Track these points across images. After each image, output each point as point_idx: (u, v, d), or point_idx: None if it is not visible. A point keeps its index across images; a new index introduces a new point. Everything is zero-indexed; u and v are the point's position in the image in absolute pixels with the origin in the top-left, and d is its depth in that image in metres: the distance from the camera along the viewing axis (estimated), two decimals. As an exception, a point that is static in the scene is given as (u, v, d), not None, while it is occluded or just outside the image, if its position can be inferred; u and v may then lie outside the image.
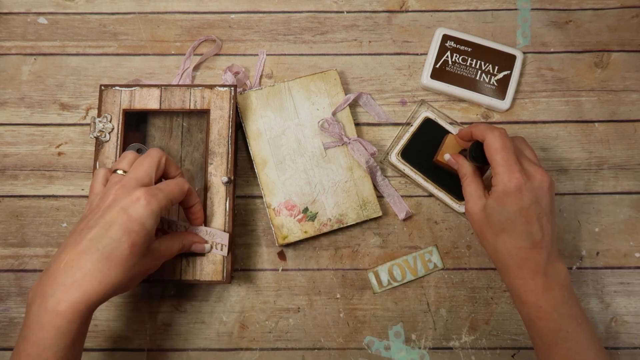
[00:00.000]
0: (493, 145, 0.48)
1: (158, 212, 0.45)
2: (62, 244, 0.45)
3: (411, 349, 0.58)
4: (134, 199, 0.44)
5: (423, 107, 0.63)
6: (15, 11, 0.67)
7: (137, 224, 0.44)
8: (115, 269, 0.43)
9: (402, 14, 0.67)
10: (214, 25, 0.67)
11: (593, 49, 0.65)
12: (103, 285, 0.43)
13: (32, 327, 0.42)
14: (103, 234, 0.43)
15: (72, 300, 0.42)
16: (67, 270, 0.43)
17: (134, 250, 0.44)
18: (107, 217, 0.44)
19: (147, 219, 0.44)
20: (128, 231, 0.44)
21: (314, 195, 0.60)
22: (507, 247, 0.48)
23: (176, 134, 0.63)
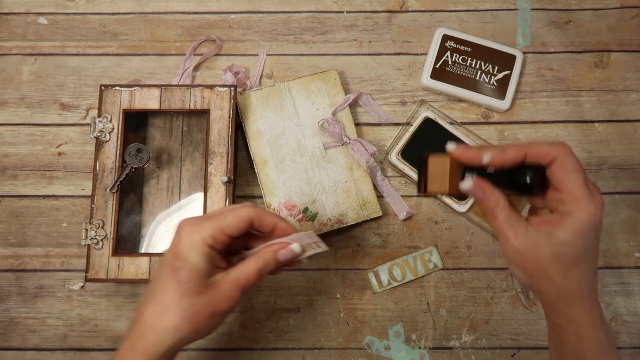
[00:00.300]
0: (570, 165, 0.39)
1: (202, 243, 0.40)
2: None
3: (411, 349, 0.58)
4: (177, 233, 0.41)
5: (423, 107, 0.63)
6: (15, 11, 0.67)
7: (180, 260, 0.40)
8: (167, 313, 0.40)
9: (402, 14, 0.67)
10: (214, 25, 0.67)
11: (593, 49, 0.65)
12: (159, 333, 0.40)
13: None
14: (156, 277, 0.42)
15: (139, 351, 0.40)
16: (135, 321, 0.42)
17: (182, 290, 0.40)
18: (161, 260, 0.42)
19: (190, 252, 0.40)
20: (173, 269, 0.40)
21: (314, 195, 0.60)
22: (580, 281, 0.40)
23: (176, 134, 0.63)
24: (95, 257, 0.55)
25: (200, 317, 0.40)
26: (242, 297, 0.42)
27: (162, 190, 0.61)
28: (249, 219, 0.42)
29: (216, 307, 0.40)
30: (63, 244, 0.61)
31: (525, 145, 0.40)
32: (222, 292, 0.41)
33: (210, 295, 0.40)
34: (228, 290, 0.41)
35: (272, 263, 0.42)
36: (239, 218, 0.42)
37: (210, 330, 0.42)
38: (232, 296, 0.41)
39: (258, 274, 0.42)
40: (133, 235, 0.60)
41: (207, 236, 0.40)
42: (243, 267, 0.42)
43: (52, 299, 0.60)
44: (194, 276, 0.40)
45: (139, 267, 0.55)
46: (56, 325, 0.59)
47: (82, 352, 0.58)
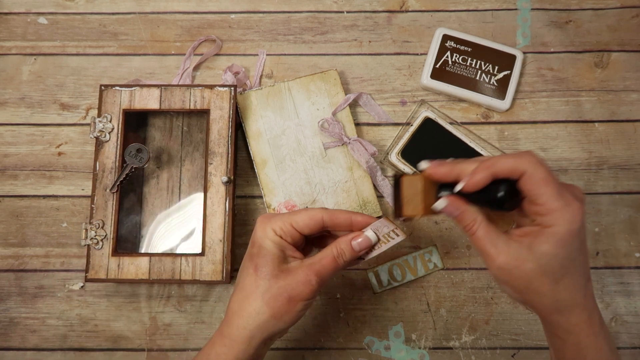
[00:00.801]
0: (539, 176, 0.38)
1: (272, 233, 0.43)
2: None
3: (411, 349, 0.58)
4: (254, 228, 0.45)
5: (423, 107, 0.63)
6: (15, 11, 0.67)
7: (256, 247, 0.43)
8: (248, 298, 0.42)
9: (402, 14, 0.67)
10: (214, 25, 0.67)
11: (593, 49, 0.65)
12: (243, 318, 0.42)
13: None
14: (240, 269, 0.45)
15: (226, 335, 0.43)
16: (226, 310, 0.45)
17: (259, 274, 0.42)
18: (245, 254, 0.46)
19: (264, 239, 0.43)
20: (251, 257, 0.44)
21: (314, 195, 0.60)
22: (572, 290, 0.39)
23: (176, 134, 0.63)
24: (95, 257, 0.55)
25: (278, 300, 0.41)
26: (320, 284, 0.42)
27: (162, 190, 0.61)
28: (320, 217, 0.44)
29: (293, 290, 0.42)
30: (63, 244, 0.61)
31: (492, 164, 0.39)
32: (298, 276, 0.42)
33: (287, 279, 0.42)
34: (303, 274, 0.42)
35: (348, 252, 0.43)
36: (309, 215, 0.44)
37: (292, 318, 0.43)
38: (307, 280, 0.42)
39: (334, 261, 0.43)
40: (133, 235, 0.60)
41: (277, 227, 0.43)
42: (319, 254, 0.43)
43: (52, 299, 0.60)
44: (269, 260, 0.42)
45: (139, 267, 0.55)
46: (56, 325, 0.59)
47: (82, 352, 0.58)
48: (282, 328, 0.43)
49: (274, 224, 0.43)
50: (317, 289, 0.42)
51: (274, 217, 0.44)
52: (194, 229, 0.60)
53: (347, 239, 0.44)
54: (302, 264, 0.43)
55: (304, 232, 0.44)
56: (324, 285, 0.43)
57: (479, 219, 0.40)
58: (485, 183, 0.39)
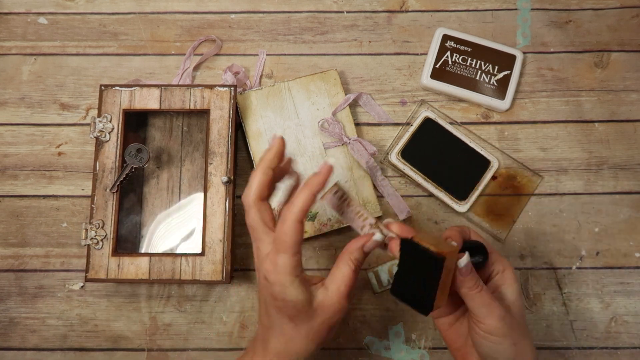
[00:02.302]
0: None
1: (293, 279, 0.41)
2: None
3: (411, 349, 0.58)
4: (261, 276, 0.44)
5: (423, 107, 0.63)
6: (15, 11, 0.67)
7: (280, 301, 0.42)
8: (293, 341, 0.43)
9: (402, 14, 0.67)
10: (214, 25, 0.67)
11: (593, 49, 0.65)
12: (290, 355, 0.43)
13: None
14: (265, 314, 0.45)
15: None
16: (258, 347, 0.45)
17: (297, 321, 0.42)
18: (260, 297, 0.46)
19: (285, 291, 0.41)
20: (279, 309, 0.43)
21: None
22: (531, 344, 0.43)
23: (176, 134, 0.63)
24: (95, 257, 0.55)
25: (321, 334, 0.43)
26: (350, 301, 0.43)
27: (162, 190, 0.61)
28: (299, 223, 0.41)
29: (331, 321, 0.42)
30: (63, 244, 0.61)
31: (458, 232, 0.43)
32: (332, 307, 0.42)
33: (323, 314, 0.42)
34: (336, 304, 0.42)
35: (361, 258, 0.43)
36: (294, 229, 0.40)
37: (331, 337, 0.44)
38: (341, 308, 0.42)
39: (354, 275, 0.43)
40: (133, 235, 0.60)
41: (291, 269, 0.40)
42: (338, 274, 0.42)
43: (52, 299, 0.60)
44: (300, 309, 0.41)
45: (138, 267, 0.55)
46: (56, 325, 0.59)
47: (82, 352, 0.58)
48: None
49: (284, 268, 0.40)
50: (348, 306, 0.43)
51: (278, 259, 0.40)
52: (194, 229, 0.60)
53: (358, 246, 0.43)
54: (330, 295, 0.42)
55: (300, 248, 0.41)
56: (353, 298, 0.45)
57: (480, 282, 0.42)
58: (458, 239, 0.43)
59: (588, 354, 0.58)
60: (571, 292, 0.59)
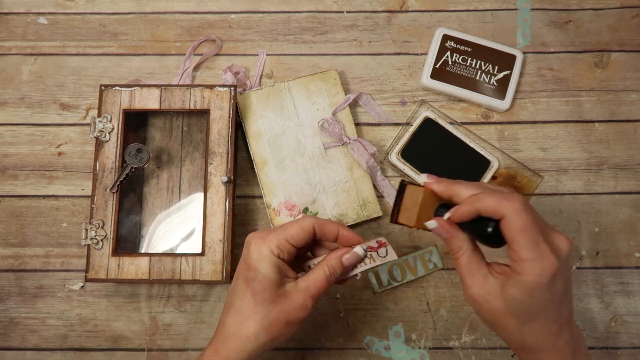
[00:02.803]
0: (516, 224, 0.38)
1: (270, 254, 0.43)
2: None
3: (411, 349, 0.58)
4: (245, 246, 0.45)
5: (423, 107, 0.63)
6: (15, 11, 0.67)
7: (252, 271, 0.43)
8: (247, 322, 0.43)
9: (402, 14, 0.67)
10: (214, 25, 0.67)
11: (593, 49, 0.65)
12: (241, 341, 0.43)
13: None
14: (233, 288, 0.45)
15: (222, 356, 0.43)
16: (218, 328, 0.45)
17: (257, 299, 0.42)
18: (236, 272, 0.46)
19: (260, 263, 0.43)
20: (247, 281, 0.43)
21: (314, 195, 0.60)
22: (539, 336, 0.40)
23: (176, 134, 0.63)
24: (95, 257, 0.55)
25: (276, 325, 0.43)
26: (315, 305, 0.44)
27: (162, 190, 0.61)
28: (311, 227, 0.44)
29: (290, 315, 0.43)
30: (63, 244, 0.61)
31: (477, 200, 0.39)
32: (295, 301, 0.43)
33: (284, 304, 0.43)
34: (300, 299, 0.43)
35: (338, 268, 0.44)
36: (301, 227, 0.44)
37: (286, 337, 0.44)
38: (304, 305, 0.43)
39: (326, 281, 0.44)
40: (133, 235, 0.60)
41: (274, 247, 0.43)
42: (312, 275, 0.44)
43: (52, 299, 0.60)
44: (267, 286, 0.42)
45: (138, 267, 0.55)
46: (56, 325, 0.59)
47: (82, 352, 0.58)
48: (275, 346, 0.44)
49: (271, 243, 0.43)
50: (312, 309, 0.43)
51: (268, 236, 0.44)
52: (194, 229, 0.60)
53: (337, 255, 0.44)
54: (298, 288, 0.43)
55: (299, 244, 0.44)
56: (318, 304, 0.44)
57: (464, 247, 0.42)
58: (469, 217, 0.40)
59: (588, 354, 0.58)
60: (571, 292, 0.59)
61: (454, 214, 0.41)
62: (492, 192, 0.40)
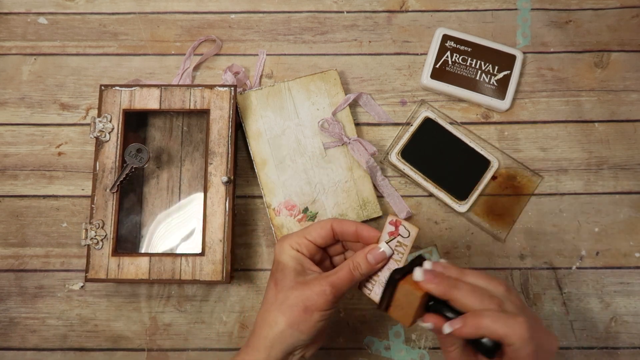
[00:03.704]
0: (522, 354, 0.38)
1: (289, 247, 0.46)
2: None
3: (411, 349, 0.58)
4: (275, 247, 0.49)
5: (423, 107, 0.63)
6: (15, 11, 0.67)
7: (275, 263, 0.46)
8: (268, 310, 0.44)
9: (402, 14, 0.67)
10: (214, 25, 0.67)
11: (593, 49, 0.65)
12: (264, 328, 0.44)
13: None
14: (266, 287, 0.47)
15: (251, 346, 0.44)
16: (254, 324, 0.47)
17: (278, 287, 0.45)
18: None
19: (282, 255, 0.46)
20: (272, 273, 0.46)
21: (314, 195, 0.60)
22: None
23: (176, 134, 0.63)
24: (95, 257, 0.55)
25: (294, 310, 0.43)
26: (335, 295, 0.43)
27: (162, 190, 0.61)
28: (329, 225, 0.46)
29: (308, 300, 0.43)
30: (63, 244, 0.61)
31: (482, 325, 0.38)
32: (314, 287, 0.43)
33: (303, 290, 0.43)
34: (319, 285, 0.43)
35: (364, 264, 0.44)
36: (320, 225, 0.46)
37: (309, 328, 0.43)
38: (322, 290, 0.43)
39: (349, 273, 0.44)
40: (133, 235, 0.60)
41: (293, 242, 0.46)
42: (337, 269, 0.45)
43: (52, 299, 0.60)
44: (287, 274, 0.44)
45: (139, 267, 0.55)
46: (56, 325, 0.59)
47: (82, 352, 0.58)
48: (302, 339, 0.44)
49: (290, 240, 0.46)
50: (333, 299, 0.43)
51: (290, 235, 0.47)
52: (194, 229, 0.60)
53: (363, 252, 0.45)
54: (319, 276, 0.44)
55: (318, 242, 0.46)
56: (340, 297, 0.44)
57: (457, 343, 0.42)
58: (471, 337, 0.40)
59: (588, 354, 0.58)
60: (571, 292, 0.59)
61: (455, 331, 0.40)
62: (497, 316, 0.39)
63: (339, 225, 0.46)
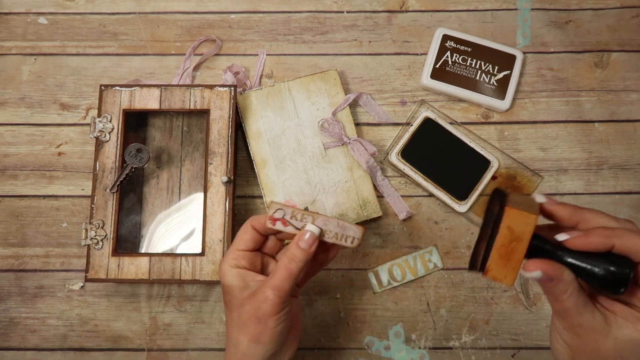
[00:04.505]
0: None
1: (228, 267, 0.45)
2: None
3: (411, 349, 0.58)
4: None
5: (423, 107, 0.63)
6: (15, 11, 0.67)
7: (222, 288, 0.47)
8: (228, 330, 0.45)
9: (402, 14, 0.67)
10: (214, 25, 0.67)
11: (593, 49, 0.65)
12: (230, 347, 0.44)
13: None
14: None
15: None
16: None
17: (229, 307, 0.45)
18: None
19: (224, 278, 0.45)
20: (223, 297, 0.47)
21: (314, 195, 0.60)
22: None
23: (176, 134, 0.63)
24: (95, 257, 0.55)
25: (248, 325, 0.42)
26: (281, 297, 0.42)
27: (162, 190, 0.61)
28: (249, 227, 0.46)
29: (257, 311, 0.42)
30: (63, 244, 0.61)
31: (615, 234, 0.34)
32: (259, 296, 0.42)
33: (251, 303, 0.43)
34: (262, 293, 0.42)
35: (298, 253, 0.43)
36: (243, 231, 0.46)
37: (271, 336, 0.42)
38: (266, 297, 0.42)
39: (286, 270, 0.42)
40: (133, 235, 0.60)
41: (229, 260, 0.45)
42: (273, 269, 0.44)
43: (52, 299, 0.60)
44: (233, 294, 0.44)
45: (139, 267, 0.55)
46: (56, 325, 0.59)
47: (82, 352, 0.58)
48: (269, 349, 0.43)
49: (226, 259, 0.45)
50: (279, 301, 0.42)
51: (225, 254, 0.47)
52: (194, 229, 0.60)
53: (294, 242, 0.44)
54: (261, 284, 0.43)
55: (249, 247, 0.45)
56: (287, 295, 0.42)
57: (571, 288, 0.35)
58: (598, 249, 0.34)
59: (588, 354, 0.58)
60: (571, 292, 0.59)
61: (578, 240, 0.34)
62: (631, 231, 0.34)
63: (257, 223, 0.45)
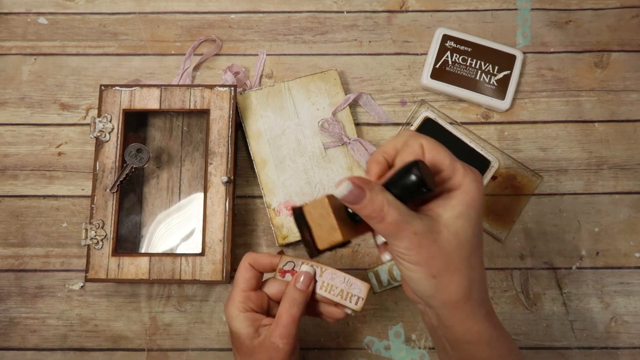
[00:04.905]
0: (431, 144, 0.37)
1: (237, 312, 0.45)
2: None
3: (411, 349, 0.58)
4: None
5: (423, 107, 0.63)
6: (15, 11, 0.67)
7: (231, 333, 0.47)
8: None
9: (402, 14, 0.67)
10: (214, 25, 0.67)
11: (593, 49, 0.65)
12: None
13: None
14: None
15: None
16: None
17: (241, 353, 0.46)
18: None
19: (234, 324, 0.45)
20: (232, 342, 0.48)
21: (314, 195, 0.60)
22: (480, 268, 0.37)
23: (176, 134, 0.63)
24: (95, 257, 0.55)
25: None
26: (289, 342, 0.44)
27: (162, 190, 0.61)
28: (247, 264, 0.46)
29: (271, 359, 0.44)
30: (63, 244, 0.61)
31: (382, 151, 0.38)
32: (270, 346, 0.43)
33: (261, 352, 0.44)
34: (274, 343, 0.43)
35: (298, 296, 0.44)
36: (243, 269, 0.46)
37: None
38: (275, 347, 0.43)
39: (289, 315, 0.44)
40: (133, 235, 0.60)
41: (237, 303, 0.45)
42: (277, 315, 0.44)
43: (52, 299, 0.60)
44: (242, 341, 0.44)
45: (138, 267, 0.55)
46: (56, 325, 0.59)
47: (82, 352, 0.58)
48: None
49: (234, 302, 0.45)
50: (290, 348, 0.44)
51: (231, 296, 0.46)
52: (194, 229, 0.60)
53: (291, 286, 0.45)
54: (269, 334, 0.44)
55: (254, 286, 0.46)
56: (295, 335, 0.44)
57: (387, 197, 0.34)
58: (381, 171, 0.37)
59: (588, 354, 0.58)
60: (571, 292, 0.59)
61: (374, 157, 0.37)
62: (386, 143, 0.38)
63: (255, 262, 0.46)
